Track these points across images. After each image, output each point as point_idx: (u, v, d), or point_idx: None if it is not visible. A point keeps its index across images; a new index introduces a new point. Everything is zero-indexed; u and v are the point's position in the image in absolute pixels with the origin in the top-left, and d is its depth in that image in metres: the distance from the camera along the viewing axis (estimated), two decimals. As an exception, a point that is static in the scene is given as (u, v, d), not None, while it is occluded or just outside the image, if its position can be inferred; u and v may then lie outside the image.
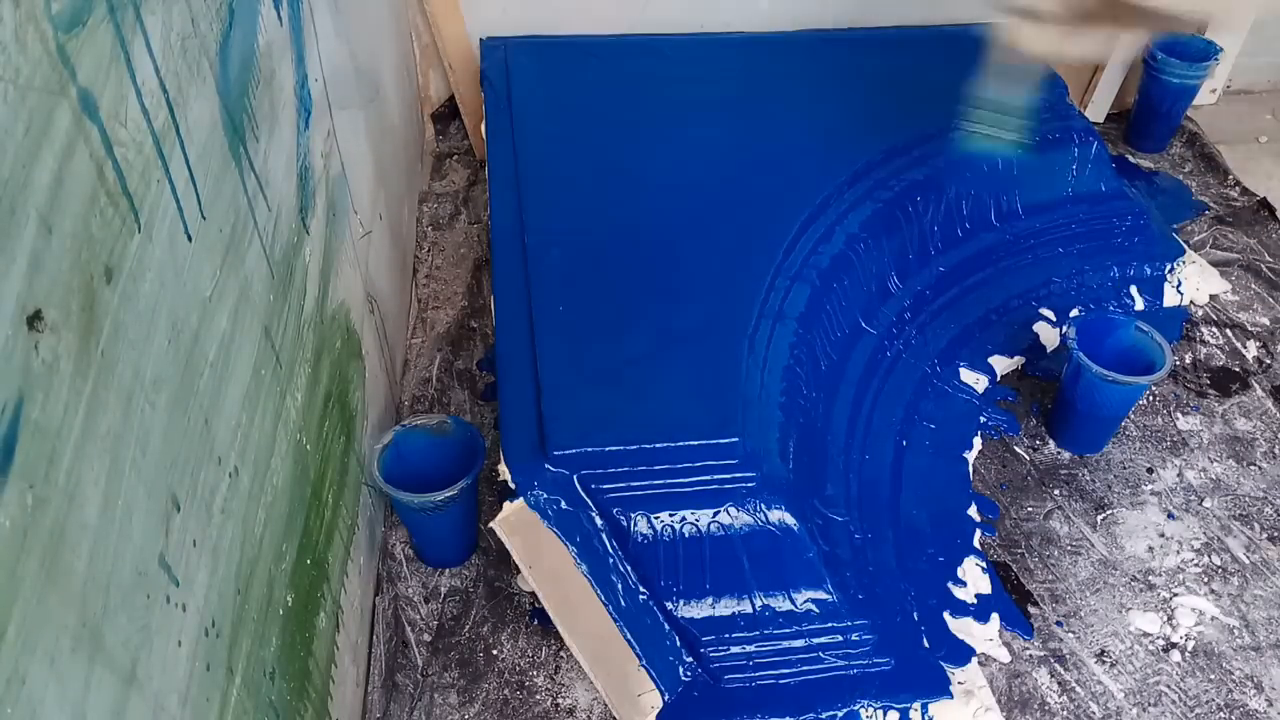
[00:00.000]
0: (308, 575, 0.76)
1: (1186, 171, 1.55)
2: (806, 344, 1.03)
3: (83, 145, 0.44)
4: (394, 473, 0.94)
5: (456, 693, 0.93)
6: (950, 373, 1.19)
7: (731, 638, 0.91)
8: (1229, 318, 1.30)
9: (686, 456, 0.88)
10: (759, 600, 0.91)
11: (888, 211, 1.17)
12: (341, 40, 0.98)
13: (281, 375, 0.72)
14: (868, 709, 0.89)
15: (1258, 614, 1.00)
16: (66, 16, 0.43)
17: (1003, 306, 1.25)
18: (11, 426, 0.38)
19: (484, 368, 1.22)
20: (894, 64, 1.34)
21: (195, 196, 0.57)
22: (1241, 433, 1.17)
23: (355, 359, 0.95)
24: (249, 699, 0.61)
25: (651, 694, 0.87)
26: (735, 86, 1.29)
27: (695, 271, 1.03)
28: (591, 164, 1.16)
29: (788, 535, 0.89)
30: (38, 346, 0.40)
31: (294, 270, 0.76)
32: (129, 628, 0.46)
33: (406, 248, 1.33)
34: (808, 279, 1.06)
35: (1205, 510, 1.09)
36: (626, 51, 1.35)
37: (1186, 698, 0.94)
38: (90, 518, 0.43)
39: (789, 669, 0.91)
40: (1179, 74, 1.48)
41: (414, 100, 1.46)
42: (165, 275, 0.52)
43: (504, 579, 1.01)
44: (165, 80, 0.53)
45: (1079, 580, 1.03)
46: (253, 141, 0.68)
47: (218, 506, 0.58)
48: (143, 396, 0.49)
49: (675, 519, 0.88)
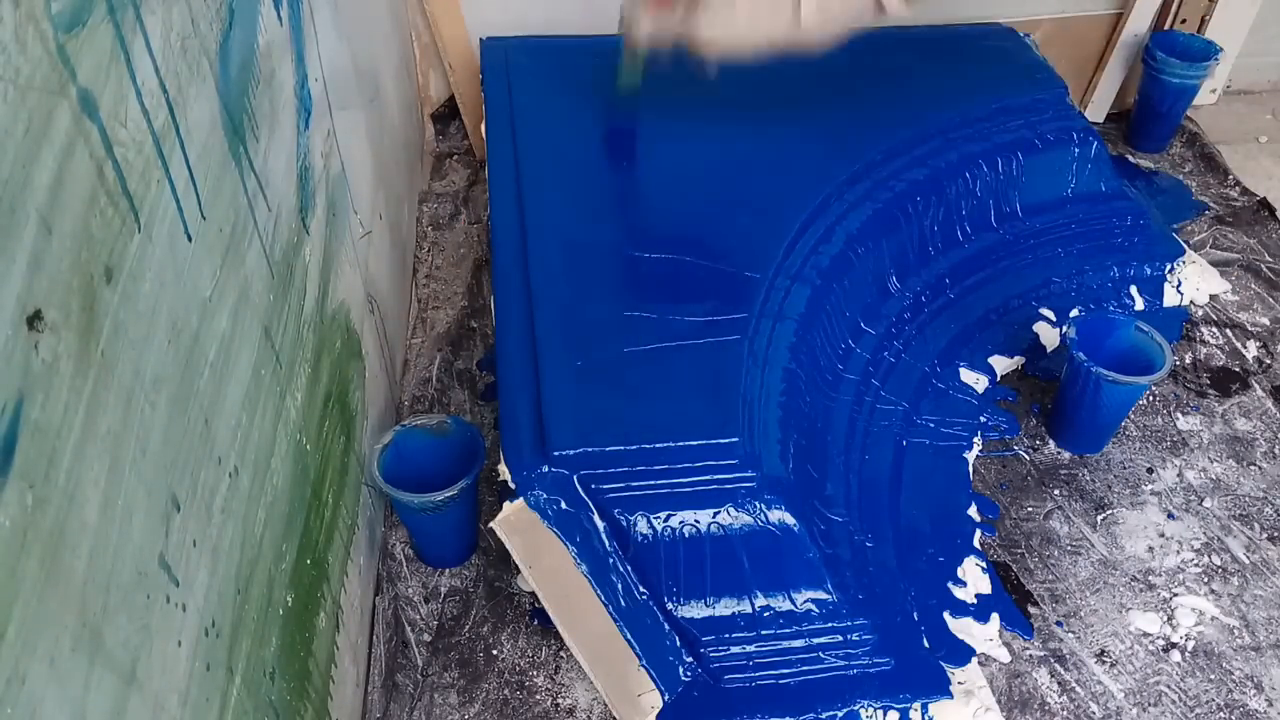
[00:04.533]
0: (308, 575, 0.76)
1: (1186, 171, 1.55)
2: (806, 344, 1.03)
3: (83, 145, 0.44)
4: (394, 473, 0.94)
5: (456, 693, 0.93)
6: (950, 373, 1.19)
7: (731, 638, 0.91)
8: (1229, 318, 1.30)
9: (686, 456, 0.88)
10: (759, 600, 0.91)
11: (888, 211, 1.17)
12: (341, 40, 0.98)
13: (281, 375, 0.72)
14: (868, 709, 0.89)
15: (1258, 614, 1.00)
16: (66, 16, 0.43)
17: (1003, 306, 1.25)
18: (11, 426, 0.38)
19: (484, 368, 1.22)
20: (894, 64, 1.34)
21: (195, 196, 0.57)
22: (1241, 433, 1.17)
23: (355, 359, 0.95)
24: (249, 699, 0.61)
25: (651, 694, 0.88)
26: (735, 86, 1.29)
27: (695, 271, 1.03)
28: (591, 164, 1.16)
29: (788, 535, 0.89)
30: (38, 346, 0.40)
31: (294, 270, 0.76)
32: (129, 628, 0.46)
33: (406, 248, 1.33)
34: (808, 279, 1.06)
35: (1205, 510, 1.09)
36: (626, 51, 1.35)
37: (1186, 698, 0.94)
38: (90, 518, 0.43)
39: (789, 669, 0.91)
40: (1179, 74, 1.48)
41: (414, 100, 1.46)
42: (165, 275, 0.52)
43: (504, 579, 1.01)
44: (165, 80, 0.53)
45: (1079, 580, 1.03)
46: (253, 141, 0.68)
47: (218, 506, 0.58)
48: (143, 396, 0.49)
49: (675, 519, 0.88)
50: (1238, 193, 1.50)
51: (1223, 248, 1.41)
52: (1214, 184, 1.52)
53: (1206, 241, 1.41)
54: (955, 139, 1.24)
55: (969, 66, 1.35)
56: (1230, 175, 1.53)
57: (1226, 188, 1.51)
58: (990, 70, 1.34)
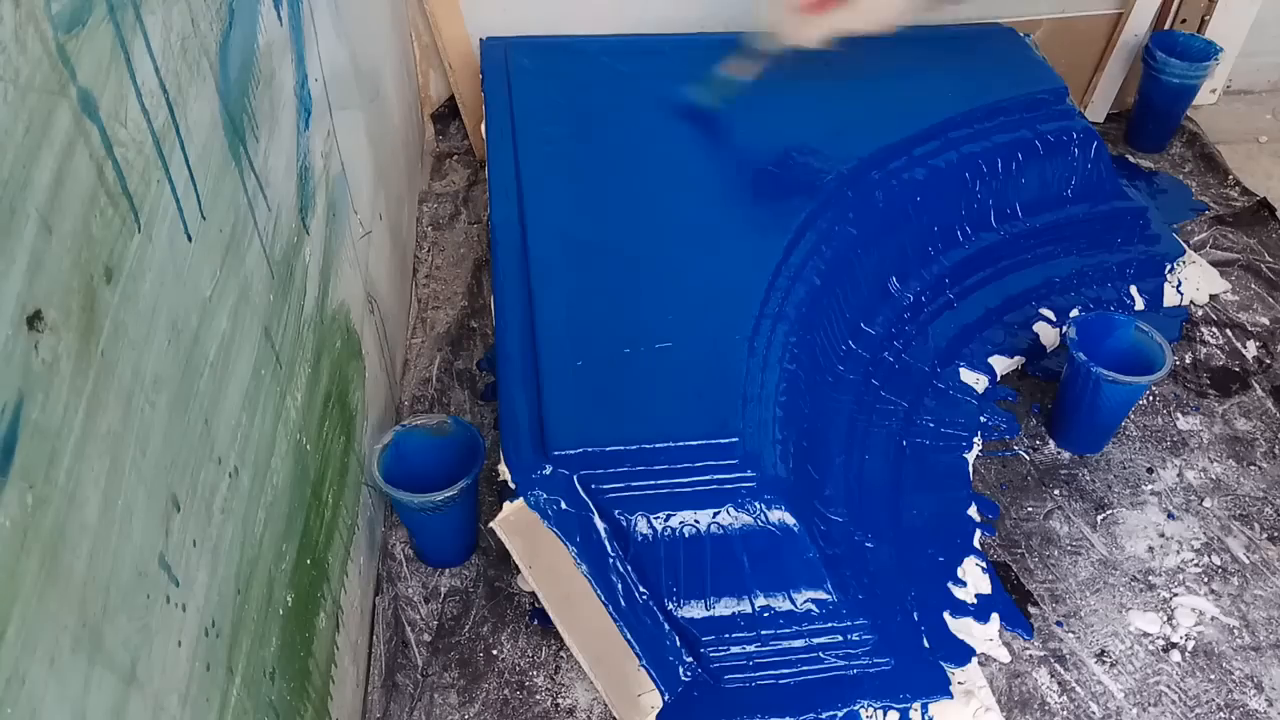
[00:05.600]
0: (308, 575, 0.76)
1: (1186, 171, 1.55)
2: (806, 344, 1.03)
3: (83, 145, 0.44)
4: (394, 473, 0.94)
5: (456, 693, 0.93)
6: (950, 373, 1.19)
7: (731, 638, 0.91)
8: (1229, 318, 1.30)
9: (686, 456, 0.88)
10: (759, 600, 0.91)
11: (888, 211, 1.17)
12: (341, 40, 0.98)
13: (281, 375, 0.72)
14: (868, 709, 0.89)
15: (1258, 614, 1.00)
16: (66, 16, 0.43)
17: (1003, 306, 1.25)
18: (11, 426, 0.38)
19: (484, 368, 1.22)
20: (894, 64, 1.34)
21: (195, 196, 0.57)
22: (1241, 433, 1.17)
23: (355, 359, 0.95)
24: (249, 699, 0.61)
25: (651, 694, 0.88)
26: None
27: (695, 271, 1.03)
28: (592, 164, 1.16)
29: (788, 535, 0.89)
30: (38, 346, 0.40)
31: (294, 270, 0.76)
32: (129, 628, 0.46)
33: (406, 248, 1.33)
34: (808, 279, 1.06)
35: (1205, 510, 1.09)
36: (626, 51, 1.35)
37: (1186, 698, 0.94)
38: (90, 518, 0.43)
39: (789, 669, 0.91)
40: (1179, 74, 1.48)
41: (414, 100, 1.46)
42: (165, 275, 0.52)
43: (504, 579, 1.01)
44: (165, 80, 0.53)
45: (1079, 580, 1.03)
46: (253, 141, 0.68)
47: (218, 506, 0.58)
48: (143, 396, 0.49)
49: (675, 519, 0.88)
50: (1238, 193, 1.50)
51: (1223, 248, 1.41)
52: (1214, 184, 1.52)
53: (1206, 241, 1.41)
54: (955, 139, 1.24)
55: (969, 66, 1.35)
56: (1230, 175, 1.53)
57: (1226, 188, 1.51)
58: (990, 70, 1.34)
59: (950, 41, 1.40)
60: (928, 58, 1.35)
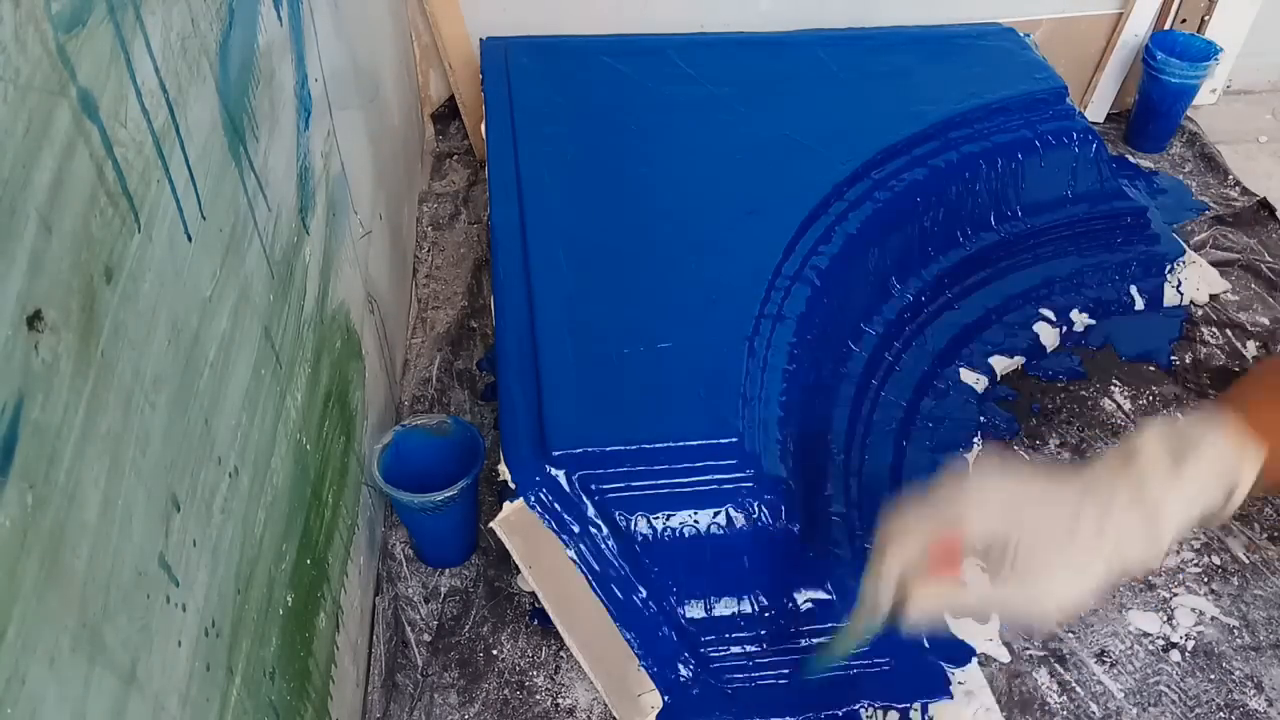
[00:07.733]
0: (308, 575, 0.76)
1: (1186, 171, 1.55)
2: (806, 344, 1.03)
3: (83, 145, 0.44)
4: (394, 473, 0.94)
5: (456, 693, 0.93)
6: (950, 373, 1.19)
7: (731, 638, 0.91)
8: (1229, 318, 1.30)
9: (686, 456, 0.88)
10: (759, 600, 0.91)
11: (888, 212, 1.17)
12: (341, 40, 0.98)
13: (281, 375, 0.72)
14: (868, 709, 0.89)
15: (1258, 614, 1.00)
16: (66, 16, 0.43)
17: (1003, 306, 1.25)
18: (11, 426, 0.38)
19: (484, 368, 1.22)
20: (894, 64, 1.34)
21: (195, 196, 0.57)
22: (1241, 433, 1.17)
23: (355, 359, 0.95)
24: (249, 699, 0.61)
25: (651, 694, 0.87)
26: (735, 86, 1.29)
27: (695, 271, 1.03)
28: (592, 164, 1.16)
29: (787, 535, 0.89)
30: (38, 346, 0.40)
31: (294, 270, 0.76)
32: (129, 628, 0.46)
33: (406, 248, 1.33)
34: (808, 279, 1.06)
35: (1205, 510, 1.09)
36: (626, 51, 1.35)
37: (1186, 698, 0.94)
38: (90, 518, 0.43)
39: (789, 669, 0.91)
40: (1179, 74, 1.48)
41: (414, 100, 1.46)
42: (165, 275, 0.52)
43: (504, 579, 1.01)
44: (165, 80, 0.53)
45: (1079, 580, 1.02)
46: (253, 141, 0.68)
47: (218, 506, 0.58)
48: (143, 396, 0.49)
49: (675, 519, 0.88)
50: (1238, 193, 1.50)
51: (1223, 248, 1.41)
52: (1214, 184, 1.52)
53: (1206, 241, 1.41)
54: (955, 139, 1.24)
55: (969, 66, 1.35)
56: (1230, 175, 1.53)
57: (1226, 188, 1.51)
58: (990, 70, 1.34)
59: (950, 41, 1.40)
60: (928, 58, 1.35)
